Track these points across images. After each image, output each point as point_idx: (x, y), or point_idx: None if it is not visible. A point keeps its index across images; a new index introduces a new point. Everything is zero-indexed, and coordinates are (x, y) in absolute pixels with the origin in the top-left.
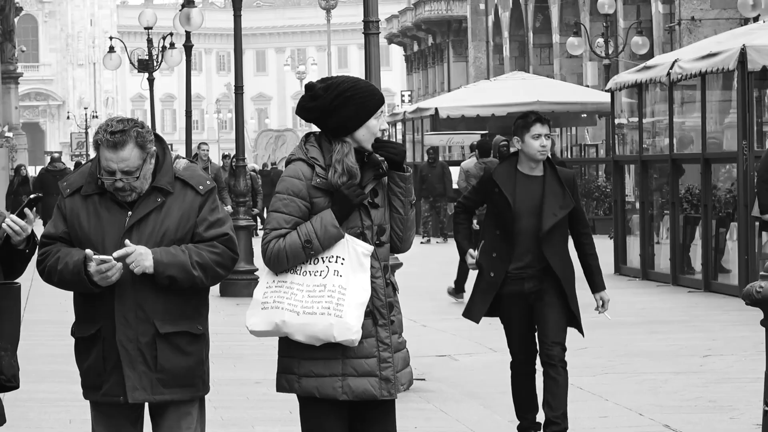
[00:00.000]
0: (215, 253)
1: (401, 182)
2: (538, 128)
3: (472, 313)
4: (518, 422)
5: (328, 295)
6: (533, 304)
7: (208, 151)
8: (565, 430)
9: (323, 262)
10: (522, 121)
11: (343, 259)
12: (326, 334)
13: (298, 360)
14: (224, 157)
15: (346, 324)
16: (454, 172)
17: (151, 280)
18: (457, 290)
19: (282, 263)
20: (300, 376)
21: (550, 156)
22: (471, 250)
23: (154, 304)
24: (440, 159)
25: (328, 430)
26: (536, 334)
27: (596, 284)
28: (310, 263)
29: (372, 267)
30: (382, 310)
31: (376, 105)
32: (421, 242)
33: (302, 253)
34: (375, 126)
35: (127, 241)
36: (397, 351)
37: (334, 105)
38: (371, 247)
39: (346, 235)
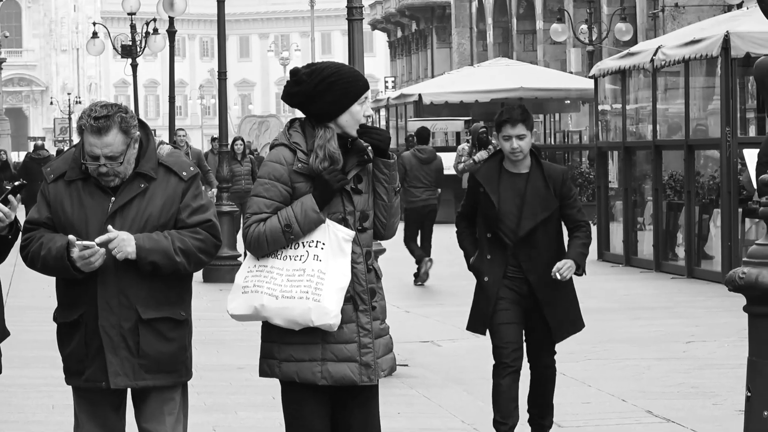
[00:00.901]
0: (198, 240)
1: (386, 169)
2: (507, 129)
3: (476, 325)
4: (495, 428)
5: (306, 280)
6: (529, 310)
7: (185, 136)
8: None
9: (303, 246)
10: (496, 117)
11: (324, 244)
12: (304, 318)
13: (278, 345)
14: (213, 140)
15: (324, 308)
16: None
17: (134, 266)
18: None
19: (262, 248)
20: (281, 361)
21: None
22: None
23: (137, 290)
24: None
25: (308, 414)
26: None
27: (569, 252)
28: (290, 248)
29: (353, 252)
30: (363, 296)
31: (360, 91)
32: None
33: (282, 237)
34: (359, 112)
35: (109, 227)
36: (378, 337)
37: (318, 90)
38: (352, 233)
39: (327, 221)
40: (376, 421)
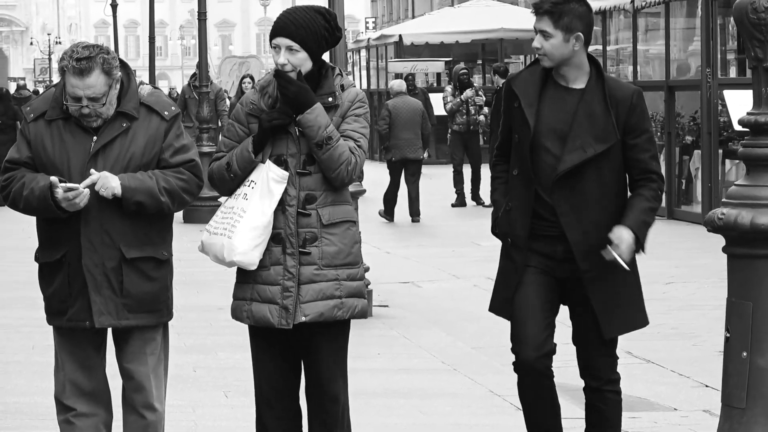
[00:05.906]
0: (181, 180)
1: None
2: (534, 21)
3: (497, 306)
4: None
5: (230, 217)
6: (566, 281)
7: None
8: None
9: (244, 186)
10: None
11: (255, 183)
12: (221, 254)
13: (235, 284)
14: (193, 76)
15: (233, 245)
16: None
17: (117, 206)
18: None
19: (214, 184)
20: (233, 300)
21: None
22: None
23: (121, 230)
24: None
25: (255, 352)
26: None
27: (627, 218)
28: (239, 187)
29: (288, 195)
30: (291, 239)
31: (270, 37)
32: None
33: (225, 174)
34: (274, 57)
35: (92, 170)
36: (310, 282)
37: None
38: (284, 174)
39: (268, 161)
40: (341, 361)
